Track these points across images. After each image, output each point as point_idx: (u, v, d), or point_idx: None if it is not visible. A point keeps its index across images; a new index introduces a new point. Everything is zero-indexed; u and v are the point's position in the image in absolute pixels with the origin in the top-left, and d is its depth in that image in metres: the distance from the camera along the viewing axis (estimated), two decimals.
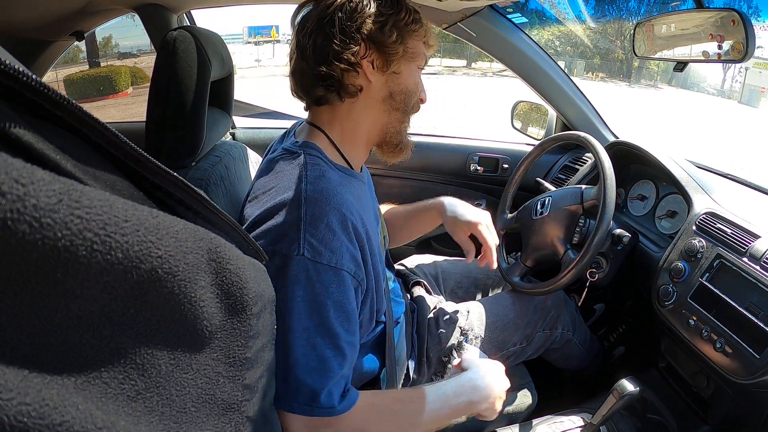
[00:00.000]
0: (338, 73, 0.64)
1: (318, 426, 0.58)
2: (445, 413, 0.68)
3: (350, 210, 0.60)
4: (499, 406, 0.72)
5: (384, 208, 1.03)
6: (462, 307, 0.97)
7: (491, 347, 0.92)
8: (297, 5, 0.68)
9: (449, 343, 0.89)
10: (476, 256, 1.06)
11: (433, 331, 0.91)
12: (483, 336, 0.92)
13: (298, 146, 0.67)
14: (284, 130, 0.81)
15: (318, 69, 0.64)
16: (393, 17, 0.65)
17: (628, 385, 0.72)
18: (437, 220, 0.97)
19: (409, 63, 0.69)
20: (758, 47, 0.81)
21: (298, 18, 0.67)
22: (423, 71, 0.74)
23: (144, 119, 0.74)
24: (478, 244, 0.90)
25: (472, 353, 0.89)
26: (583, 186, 1.01)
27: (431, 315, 0.94)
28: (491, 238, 0.89)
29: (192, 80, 0.72)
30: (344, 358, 0.58)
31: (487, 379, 0.72)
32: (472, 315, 0.95)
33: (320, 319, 0.56)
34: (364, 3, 0.64)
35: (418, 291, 1.00)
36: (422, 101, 0.75)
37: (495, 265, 0.91)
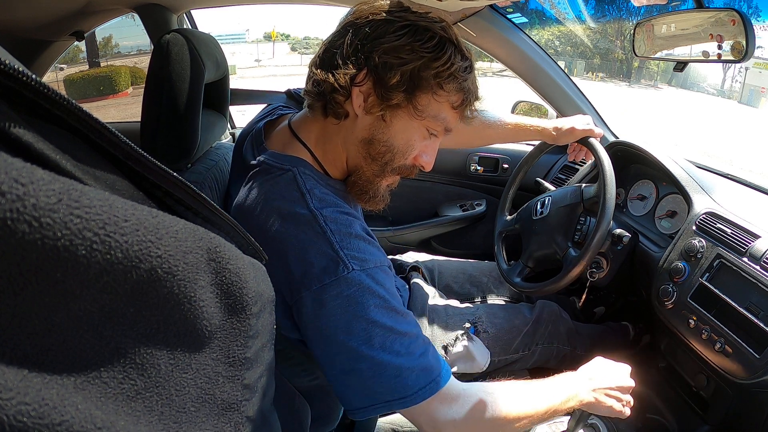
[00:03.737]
0: (328, 87, 0.59)
1: (446, 398, 0.57)
2: (557, 393, 0.65)
3: (357, 215, 0.61)
4: (610, 402, 0.67)
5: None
6: (471, 303, 1.00)
7: (497, 346, 0.93)
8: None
9: (455, 332, 0.90)
10: (479, 259, 1.06)
11: (442, 317, 0.92)
12: (490, 333, 0.93)
13: (287, 161, 0.61)
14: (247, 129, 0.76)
15: (318, 71, 0.61)
16: (422, 62, 0.57)
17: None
18: (537, 135, 1.04)
19: (410, 119, 0.60)
20: (758, 47, 0.81)
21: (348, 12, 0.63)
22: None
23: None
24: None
25: (477, 346, 0.90)
26: (583, 184, 1.01)
27: (440, 302, 0.96)
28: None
29: (185, 83, 0.72)
30: (418, 325, 0.60)
31: (590, 367, 0.70)
32: (481, 310, 0.97)
33: (394, 310, 0.57)
34: (400, 28, 0.57)
35: (415, 277, 1.01)
36: (422, 168, 0.65)
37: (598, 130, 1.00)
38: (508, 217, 1.14)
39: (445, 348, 0.89)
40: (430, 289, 1.00)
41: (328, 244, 0.55)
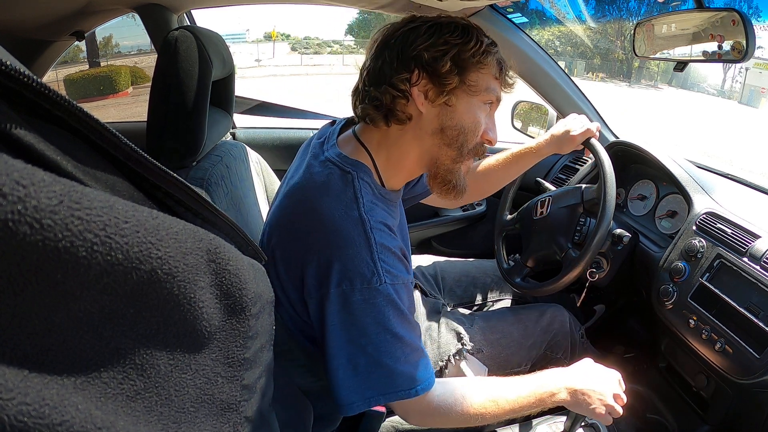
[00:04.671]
0: (388, 98, 0.64)
1: (421, 400, 0.65)
2: (525, 395, 0.69)
3: (397, 235, 0.66)
4: (594, 405, 0.69)
5: None
6: (467, 318, 0.96)
7: (494, 364, 0.91)
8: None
9: (448, 351, 0.89)
10: (479, 256, 1.04)
11: (434, 335, 0.91)
12: (484, 351, 0.91)
13: (350, 164, 0.65)
14: (309, 129, 0.81)
15: (370, 89, 0.65)
16: (458, 47, 0.63)
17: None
18: (538, 157, 1.00)
19: (468, 97, 0.65)
20: (758, 47, 0.81)
21: (371, 41, 0.68)
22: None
23: (144, 119, 0.74)
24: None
25: (472, 364, 0.88)
26: (583, 185, 1.01)
27: (435, 320, 0.94)
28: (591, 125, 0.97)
29: (193, 80, 0.72)
30: (420, 336, 0.67)
31: (576, 368, 0.73)
32: (475, 327, 0.94)
33: (408, 322, 0.63)
34: (427, 30, 0.63)
35: (414, 294, 1.00)
36: (490, 143, 0.70)
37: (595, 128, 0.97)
38: (509, 217, 1.14)
39: (440, 370, 0.88)
40: (427, 303, 1.00)
41: (369, 252, 0.59)
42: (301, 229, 0.62)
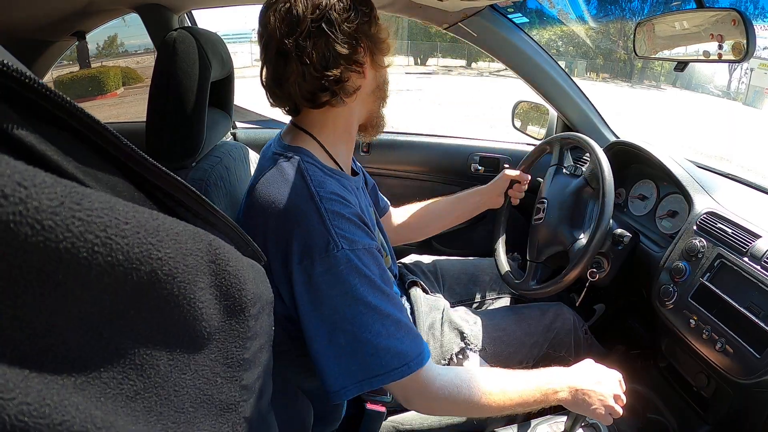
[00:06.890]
0: (347, 76, 0.65)
1: (419, 380, 0.62)
2: (531, 389, 0.68)
3: (357, 205, 0.65)
4: (594, 405, 0.68)
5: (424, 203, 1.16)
6: (470, 317, 0.96)
7: (496, 363, 0.91)
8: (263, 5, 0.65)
9: (451, 349, 0.89)
10: (479, 255, 1.04)
11: (437, 334, 0.91)
12: (487, 349, 0.91)
13: (292, 150, 0.67)
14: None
15: (325, 73, 0.63)
16: (372, 13, 0.66)
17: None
18: (482, 205, 1.12)
19: (385, 50, 0.70)
20: (764, 48, 0.81)
21: (275, 17, 0.61)
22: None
23: (142, 119, 0.74)
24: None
25: (475, 362, 0.88)
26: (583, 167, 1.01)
27: (437, 318, 0.94)
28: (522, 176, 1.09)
29: (192, 81, 0.72)
30: (402, 310, 0.64)
31: (578, 368, 0.73)
32: (478, 326, 0.94)
33: (380, 290, 0.60)
34: (350, 3, 0.64)
35: (415, 291, 1.00)
36: None
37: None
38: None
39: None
40: (428, 301, 1.00)
41: (321, 221, 0.59)
42: (259, 221, 0.63)
